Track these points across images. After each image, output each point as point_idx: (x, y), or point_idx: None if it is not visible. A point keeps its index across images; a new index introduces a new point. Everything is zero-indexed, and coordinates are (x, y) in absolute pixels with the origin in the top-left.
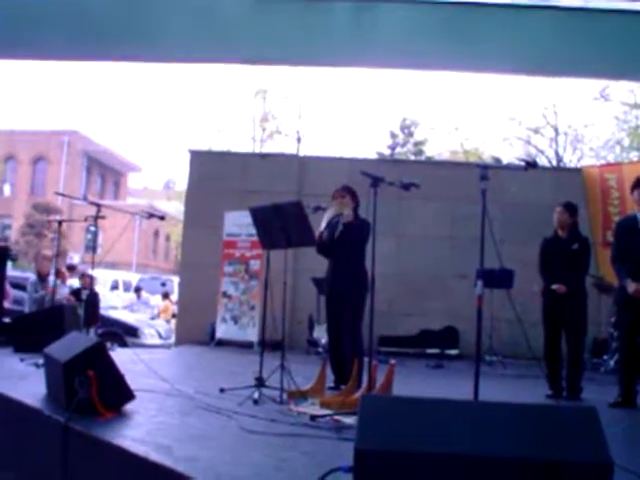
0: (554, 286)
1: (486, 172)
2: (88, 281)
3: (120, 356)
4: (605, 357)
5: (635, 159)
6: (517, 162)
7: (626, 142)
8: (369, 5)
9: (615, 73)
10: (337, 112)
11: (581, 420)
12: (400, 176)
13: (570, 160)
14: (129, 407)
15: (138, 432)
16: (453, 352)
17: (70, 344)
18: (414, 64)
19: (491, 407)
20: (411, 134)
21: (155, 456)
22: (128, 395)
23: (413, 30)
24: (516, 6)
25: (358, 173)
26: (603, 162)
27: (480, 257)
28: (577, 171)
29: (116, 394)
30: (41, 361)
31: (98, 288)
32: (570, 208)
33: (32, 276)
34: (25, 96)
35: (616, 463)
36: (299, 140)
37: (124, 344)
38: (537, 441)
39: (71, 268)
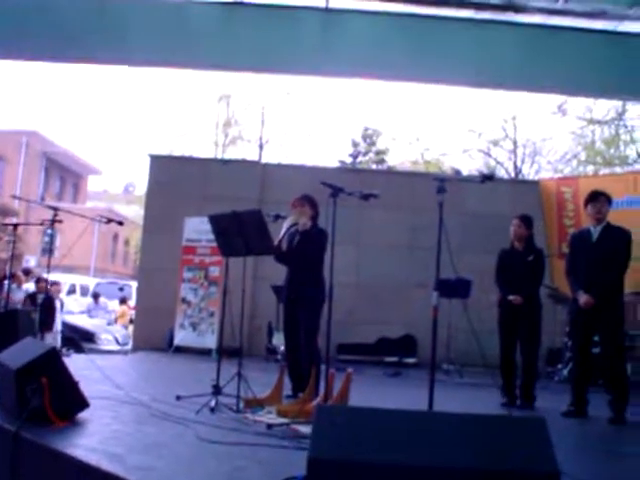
0: (510, 297)
1: (443, 185)
2: (44, 285)
3: (75, 362)
4: (559, 366)
5: (591, 173)
6: (476, 174)
7: (583, 156)
8: (336, 16)
9: (573, 89)
10: (300, 119)
11: (530, 430)
12: (361, 185)
13: (528, 172)
14: (83, 415)
15: (91, 441)
16: (411, 360)
17: (23, 350)
18: (379, 75)
19: (443, 418)
20: (373, 143)
21: (107, 465)
22: (82, 403)
23: (378, 41)
24: (478, 21)
25: (319, 181)
26: (560, 175)
27: (436, 268)
28: (534, 183)
29: (69, 402)
30: None
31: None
32: (526, 221)
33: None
34: None
35: (564, 472)
36: (261, 146)
37: (80, 350)
38: (487, 451)
39: (27, 272)
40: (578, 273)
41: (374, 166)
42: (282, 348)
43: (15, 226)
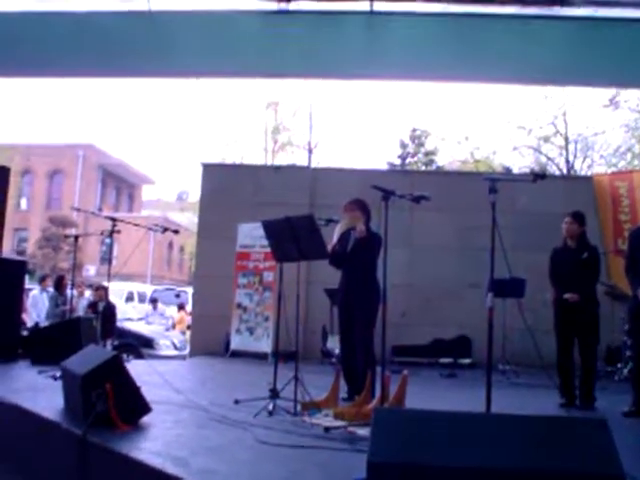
0: (566, 295)
1: (494, 185)
2: (103, 293)
3: (136, 368)
4: (619, 365)
5: None
6: (527, 172)
7: (637, 149)
8: (381, 19)
9: (624, 81)
10: (348, 122)
11: (592, 431)
12: (411, 186)
13: (580, 168)
14: (145, 419)
15: (155, 445)
16: (466, 361)
17: (87, 357)
18: (425, 76)
19: (502, 419)
20: (421, 144)
21: (172, 469)
22: (144, 408)
23: (423, 42)
24: (526, 17)
25: (369, 184)
26: (614, 169)
27: (490, 269)
28: (587, 179)
29: (133, 407)
30: (59, 374)
31: (112, 299)
32: (579, 218)
33: (51, 290)
34: (41, 110)
35: (629, 474)
36: (310, 151)
37: (140, 355)
38: (548, 453)
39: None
40: (638, 270)
41: (423, 167)
42: (337, 351)
43: (76, 237)
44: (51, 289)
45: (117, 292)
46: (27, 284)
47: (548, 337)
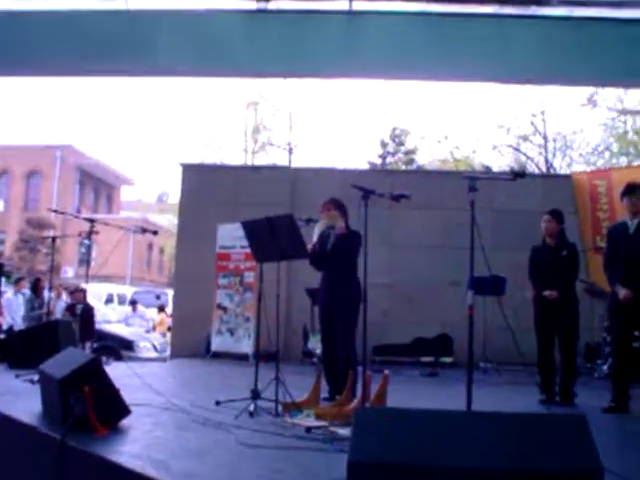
0: (546, 292)
1: (474, 183)
2: (81, 296)
3: (115, 370)
4: (598, 362)
5: (624, 164)
6: (506, 170)
7: (615, 148)
8: (359, 18)
9: (601, 80)
10: (328, 122)
11: (571, 428)
12: (392, 186)
13: (560, 166)
14: (125, 422)
15: (134, 447)
16: (447, 360)
17: (65, 360)
18: (403, 74)
19: (482, 417)
20: (401, 143)
21: (152, 471)
22: (124, 411)
23: (402, 41)
24: (502, 16)
25: (349, 183)
26: (593, 168)
27: (470, 267)
28: (566, 178)
29: (112, 410)
30: (36, 377)
31: (92, 301)
32: (557, 216)
33: (27, 292)
34: (18, 111)
35: (608, 469)
36: (291, 151)
37: (119, 358)
38: (528, 449)
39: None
40: (616, 267)
41: (403, 166)
42: (318, 351)
43: (53, 239)
44: (27, 291)
45: (96, 294)
46: (3, 287)
47: (528, 335)
